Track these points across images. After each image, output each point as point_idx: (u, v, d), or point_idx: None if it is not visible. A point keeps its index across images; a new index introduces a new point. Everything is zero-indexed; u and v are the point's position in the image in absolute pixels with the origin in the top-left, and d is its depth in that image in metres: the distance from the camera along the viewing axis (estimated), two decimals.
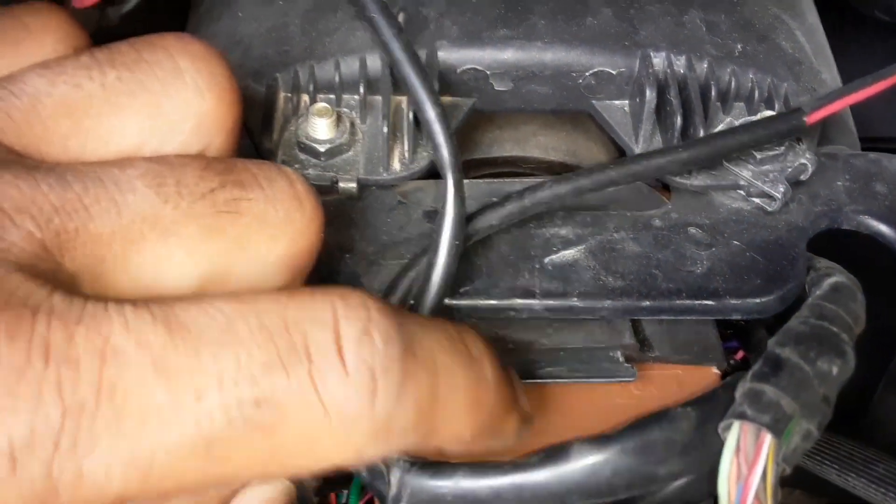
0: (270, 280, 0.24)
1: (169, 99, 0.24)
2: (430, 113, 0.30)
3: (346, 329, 0.20)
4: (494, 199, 0.32)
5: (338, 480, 0.52)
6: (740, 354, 0.39)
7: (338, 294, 0.21)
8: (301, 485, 0.56)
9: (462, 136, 0.39)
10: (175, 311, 0.20)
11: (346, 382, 0.20)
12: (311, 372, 0.20)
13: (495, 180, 0.37)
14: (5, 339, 0.18)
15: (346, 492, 0.52)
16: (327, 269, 0.32)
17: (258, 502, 0.27)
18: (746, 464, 0.25)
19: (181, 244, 0.22)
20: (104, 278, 0.21)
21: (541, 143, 0.41)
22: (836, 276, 0.31)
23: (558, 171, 0.40)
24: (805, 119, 0.33)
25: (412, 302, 0.30)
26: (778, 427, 0.25)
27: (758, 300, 0.32)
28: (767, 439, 0.25)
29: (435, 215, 0.33)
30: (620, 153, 0.42)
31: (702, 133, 0.34)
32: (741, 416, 0.26)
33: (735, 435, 0.26)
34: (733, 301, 0.32)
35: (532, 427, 0.28)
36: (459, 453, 0.25)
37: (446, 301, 0.30)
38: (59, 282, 0.20)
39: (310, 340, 0.20)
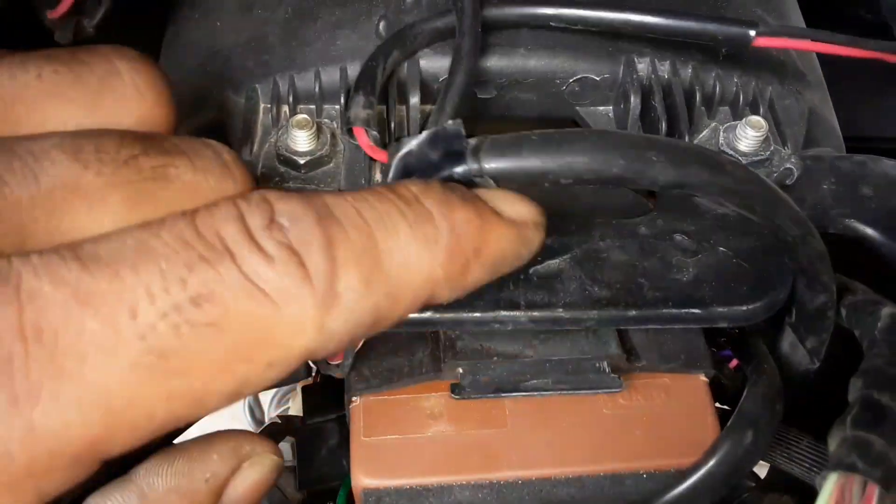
0: None
1: (107, 95, 0.24)
2: None
3: (252, 220, 0.20)
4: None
5: (323, 494, 0.52)
6: (734, 363, 0.39)
7: (237, 196, 0.21)
8: (285, 499, 0.56)
9: None
10: (84, 247, 0.19)
11: (271, 265, 0.20)
12: (236, 262, 0.20)
13: None
14: None
15: None
16: None
17: (249, 483, 0.27)
18: None
19: (108, 212, 0.21)
20: (28, 248, 0.20)
21: None
22: (888, 307, 0.31)
23: None
24: (752, 36, 0.33)
25: None
26: (889, 482, 0.24)
27: (745, 307, 0.31)
28: (876, 494, 0.24)
29: None
30: None
31: (687, 137, 0.33)
32: (851, 468, 0.24)
33: (837, 485, 0.24)
34: (720, 309, 0.31)
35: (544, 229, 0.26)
36: (452, 292, 0.23)
37: (429, 315, 0.30)
38: None
39: (224, 236, 0.20)
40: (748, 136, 0.33)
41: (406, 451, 0.32)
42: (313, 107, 0.35)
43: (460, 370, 0.32)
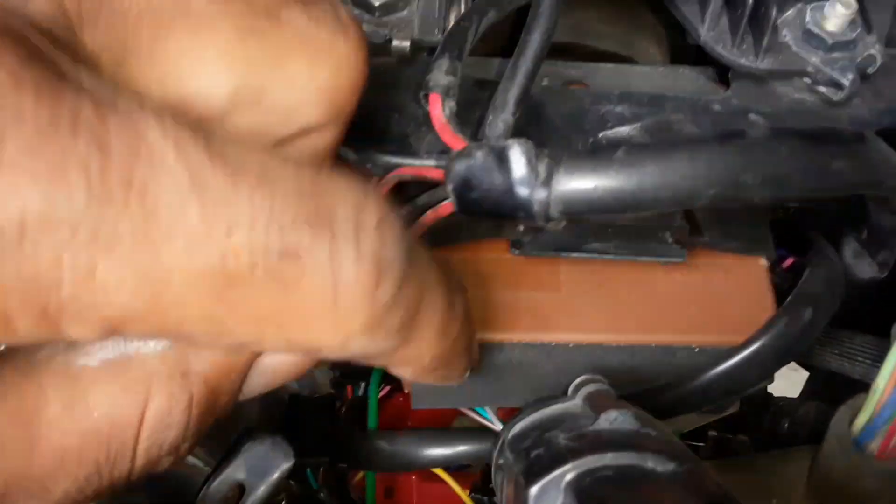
0: (308, 113, 0.23)
1: None
2: None
3: (365, 217, 0.20)
4: None
5: (354, 374, 0.52)
6: (788, 262, 0.38)
7: (361, 184, 0.21)
8: (314, 378, 0.56)
9: (516, 19, 0.37)
10: (214, 136, 0.18)
11: (358, 266, 0.19)
12: (332, 244, 0.19)
13: (548, 62, 0.36)
14: (32, 91, 0.16)
15: (363, 384, 0.52)
16: (377, 128, 0.31)
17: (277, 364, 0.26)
18: None
19: (214, 41, 0.20)
20: (127, 68, 0.19)
21: (595, 31, 0.40)
22: None
23: (611, 61, 0.39)
24: None
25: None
26: None
27: None
28: None
29: (488, 85, 0.32)
30: (674, 46, 0.41)
31: (773, 15, 0.32)
32: None
33: None
34: None
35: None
36: (411, 377, 0.25)
37: None
38: (76, 59, 0.18)
39: (335, 214, 0.19)
40: (837, 13, 0.32)
41: None
42: None
43: (521, 227, 0.32)
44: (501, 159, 0.24)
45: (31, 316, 0.17)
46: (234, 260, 0.18)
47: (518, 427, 0.31)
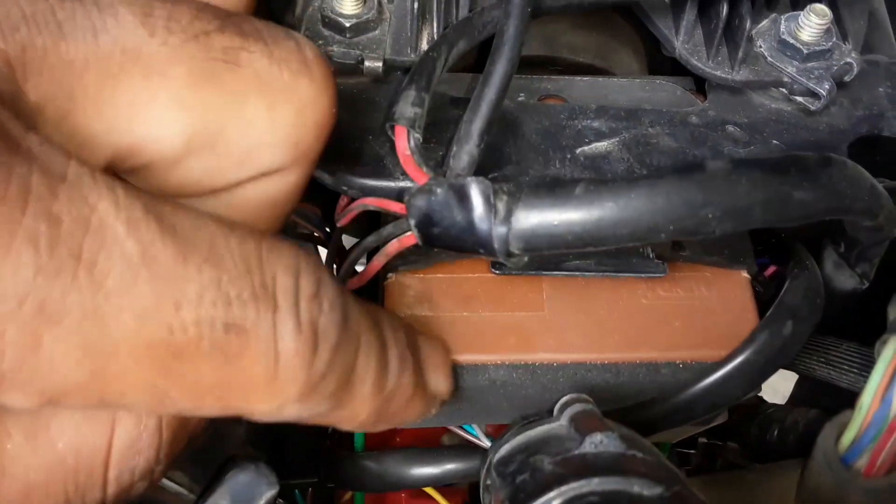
0: (268, 156, 0.22)
1: None
2: None
3: (303, 285, 0.20)
4: None
5: None
6: (770, 271, 0.38)
7: (300, 248, 0.21)
8: None
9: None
10: (164, 209, 0.18)
11: (297, 336, 0.20)
12: (275, 316, 0.19)
13: (523, 77, 0.36)
14: None
15: None
16: (351, 150, 0.30)
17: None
18: None
19: (166, 87, 0.20)
20: (73, 119, 0.19)
21: (570, 44, 0.39)
22: None
23: (587, 72, 0.39)
24: None
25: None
26: None
27: None
28: None
29: (462, 103, 0.32)
30: (650, 56, 0.41)
31: (747, 26, 0.32)
32: None
33: (895, 349, 0.24)
34: None
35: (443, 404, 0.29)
36: (353, 430, 0.25)
37: None
38: (20, 113, 0.17)
39: (278, 285, 0.20)
40: (811, 23, 0.32)
41: (440, 328, 0.31)
42: None
43: None
44: (461, 196, 0.24)
45: None
46: (181, 333, 0.18)
47: (504, 450, 0.30)
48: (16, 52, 0.17)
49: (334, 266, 0.42)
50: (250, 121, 0.21)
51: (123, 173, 0.21)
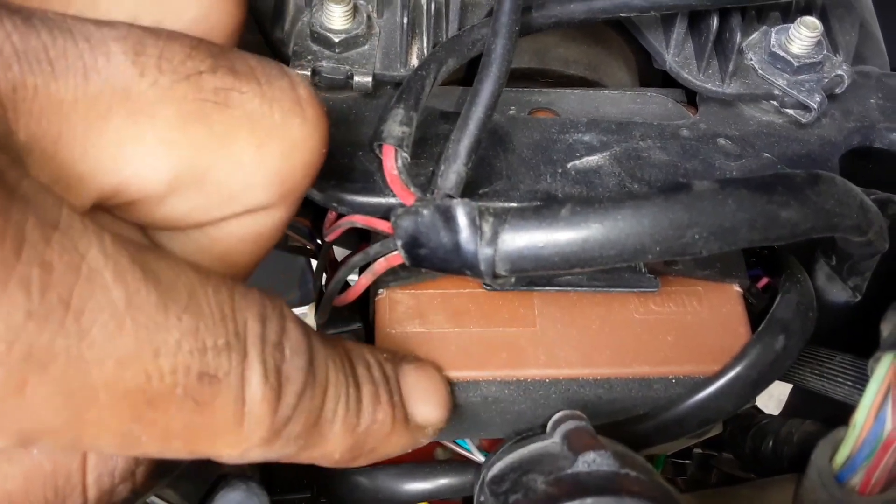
0: (254, 195, 0.22)
1: None
2: None
3: (269, 332, 0.21)
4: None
5: None
6: (763, 282, 0.38)
7: (265, 294, 0.21)
8: None
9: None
10: (148, 257, 0.19)
11: (264, 383, 0.20)
12: (245, 363, 0.20)
13: (514, 89, 0.36)
14: None
15: None
16: (341, 166, 0.30)
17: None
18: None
19: (154, 128, 0.19)
20: (59, 159, 0.19)
21: (561, 56, 0.39)
22: None
23: (578, 85, 0.39)
24: None
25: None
26: None
27: None
28: None
29: (452, 117, 0.32)
30: (642, 68, 0.41)
31: (738, 39, 0.32)
32: None
33: (893, 366, 0.24)
34: None
35: (439, 430, 0.28)
36: (329, 466, 0.25)
37: None
38: (10, 154, 0.17)
39: (248, 333, 0.20)
40: (802, 36, 0.32)
41: (431, 344, 0.31)
42: None
43: None
44: (447, 218, 0.24)
45: None
46: (158, 381, 0.18)
47: (497, 468, 0.30)
48: (7, 91, 0.17)
49: (324, 279, 0.42)
50: (238, 160, 0.21)
51: (110, 207, 0.21)
